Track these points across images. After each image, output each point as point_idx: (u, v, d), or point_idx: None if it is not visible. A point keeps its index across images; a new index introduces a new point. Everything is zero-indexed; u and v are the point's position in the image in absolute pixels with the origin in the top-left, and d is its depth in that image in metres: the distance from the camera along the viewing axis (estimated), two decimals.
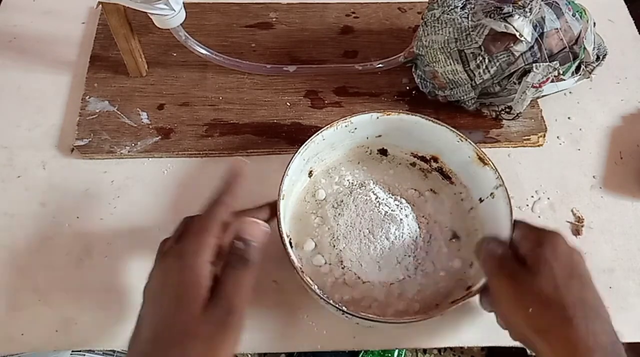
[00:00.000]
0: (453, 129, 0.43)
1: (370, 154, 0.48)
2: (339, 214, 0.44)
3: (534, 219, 0.48)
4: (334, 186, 0.46)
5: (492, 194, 0.42)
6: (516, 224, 0.39)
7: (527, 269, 0.34)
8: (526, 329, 0.33)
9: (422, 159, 0.48)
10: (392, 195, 0.45)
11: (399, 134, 0.46)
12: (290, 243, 0.42)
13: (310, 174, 0.46)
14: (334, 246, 0.42)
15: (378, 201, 0.44)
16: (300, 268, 0.37)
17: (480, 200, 0.44)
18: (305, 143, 0.41)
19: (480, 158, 0.42)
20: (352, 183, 0.46)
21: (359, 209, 0.43)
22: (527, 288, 0.33)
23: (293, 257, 0.37)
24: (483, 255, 0.37)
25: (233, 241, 0.33)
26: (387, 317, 0.39)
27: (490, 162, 0.42)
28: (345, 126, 0.43)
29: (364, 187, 0.45)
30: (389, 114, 0.44)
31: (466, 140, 0.43)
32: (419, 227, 0.44)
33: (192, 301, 0.30)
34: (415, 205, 0.45)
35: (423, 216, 0.45)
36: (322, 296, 0.36)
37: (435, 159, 0.47)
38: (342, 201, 0.45)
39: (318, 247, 0.43)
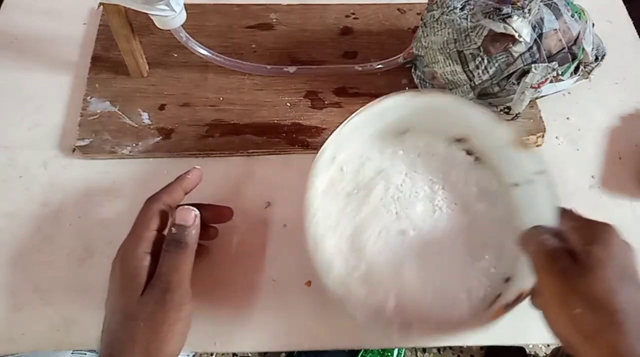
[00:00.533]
0: (489, 110, 0.42)
1: (396, 136, 0.46)
2: (363, 202, 0.43)
3: None
4: (359, 171, 0.45)
5: (530, 180, 0.40)
6: (563, 213, 0.36)
7: (578, 266, 0.31)
8: (571, 331, 0.31)
9: (452, 139, 0.46)
10: (418, 179, 0.44)
11: (427, 115, 0.44)
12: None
13: (334, 160, 0.44)
14: (357, 237, 0.42)
15: (405, 186, 0.43)
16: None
17: (516, 185, 0.42)
18: (331, 136, 0.39)
19: (520, 142, 0.41)
20: (378, 167, 0.45)
21: (384, 196, 0.43)
22: (576, 287, 0.31)
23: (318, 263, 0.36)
24: (534, 247, 0.34)
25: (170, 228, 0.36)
26: (437, 334, 0.37)
27: (530, 146, 0.41)
28: (374, 111, 0.41)
29: (390, 171, 0.44)
30: (419, 96, 0.42)
31: (505, 122, 0.41)
32: (447, 212, 0.43)
33: (131, 288, 0.34)
34: (443, 189, 0.44)
35: (454, 202, 0.44)
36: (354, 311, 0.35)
37: (465, 140, 0.45)
38: (367, 187, 0.44)
39: (340, 237, 0.42)
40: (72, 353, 0.53)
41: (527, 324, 0.43)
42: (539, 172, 0.40)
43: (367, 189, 0.44)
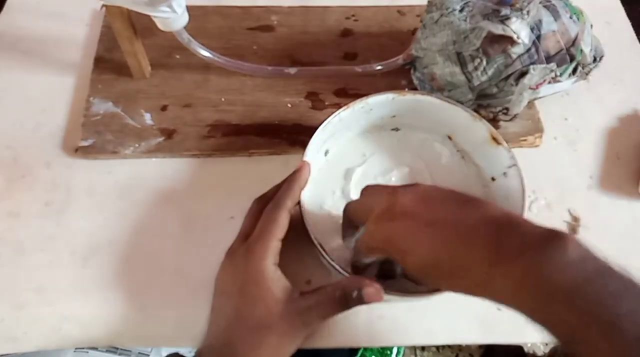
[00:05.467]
0: (467, 109, 0.45)
1: (384, 133, 0.50)
2: (350, 191, 0.46)
3: (531, 219, 0.48)
4: (348, 164, 0.48)
5: (504, 173, 0.44)
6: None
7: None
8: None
9: (442, 137, 0.49)
10: (401, 171, 0.47)
11: (413, 114, 0.47)
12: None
13: (326, 153, 0.48)
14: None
15: (391, 178, 0.46)
16: (319, 244, 0.39)
17: (493, 179, 0.45)
18: (323, 124, 0.43)
19: (494, 138, 0.44)
20: (364, 159, 0.48)
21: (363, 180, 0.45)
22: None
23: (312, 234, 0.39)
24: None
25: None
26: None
27: (504, 142, 0.44)
28: (362, 107, 0.45)
29: (376, 165, 0.47)
30: (404, 95, 0.45)
31: (480, 119, 0.44)
32: None
33: (265, 301, 0.34)
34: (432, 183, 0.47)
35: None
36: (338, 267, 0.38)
37: (449, 138, 0.49)
38: (353, 178, 0.46)
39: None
40: (74, 351, 0.54)
41: (525, 323, 0.43)
42: (511, 165, 0.43)
43: (351, 180, 0.47)
